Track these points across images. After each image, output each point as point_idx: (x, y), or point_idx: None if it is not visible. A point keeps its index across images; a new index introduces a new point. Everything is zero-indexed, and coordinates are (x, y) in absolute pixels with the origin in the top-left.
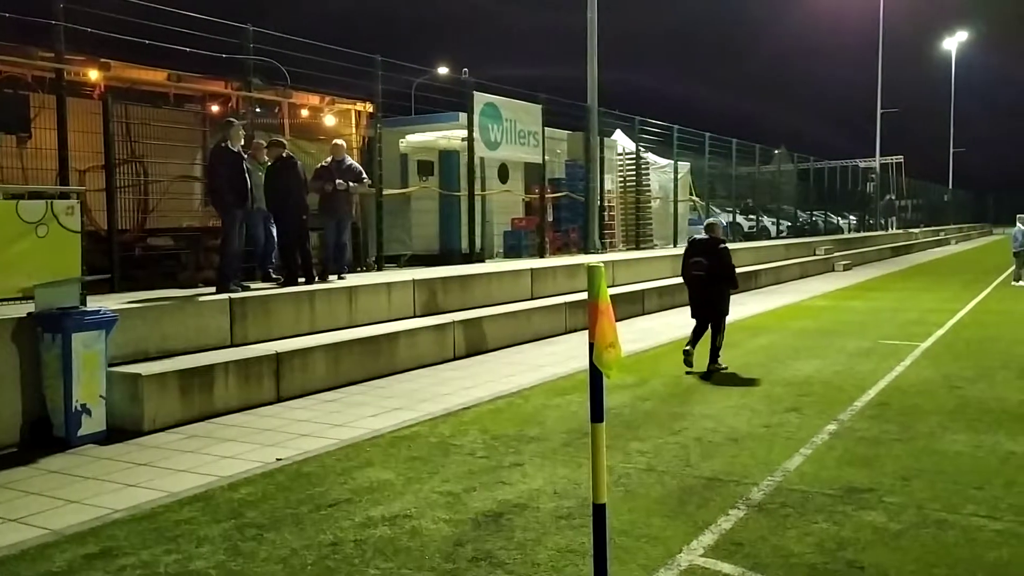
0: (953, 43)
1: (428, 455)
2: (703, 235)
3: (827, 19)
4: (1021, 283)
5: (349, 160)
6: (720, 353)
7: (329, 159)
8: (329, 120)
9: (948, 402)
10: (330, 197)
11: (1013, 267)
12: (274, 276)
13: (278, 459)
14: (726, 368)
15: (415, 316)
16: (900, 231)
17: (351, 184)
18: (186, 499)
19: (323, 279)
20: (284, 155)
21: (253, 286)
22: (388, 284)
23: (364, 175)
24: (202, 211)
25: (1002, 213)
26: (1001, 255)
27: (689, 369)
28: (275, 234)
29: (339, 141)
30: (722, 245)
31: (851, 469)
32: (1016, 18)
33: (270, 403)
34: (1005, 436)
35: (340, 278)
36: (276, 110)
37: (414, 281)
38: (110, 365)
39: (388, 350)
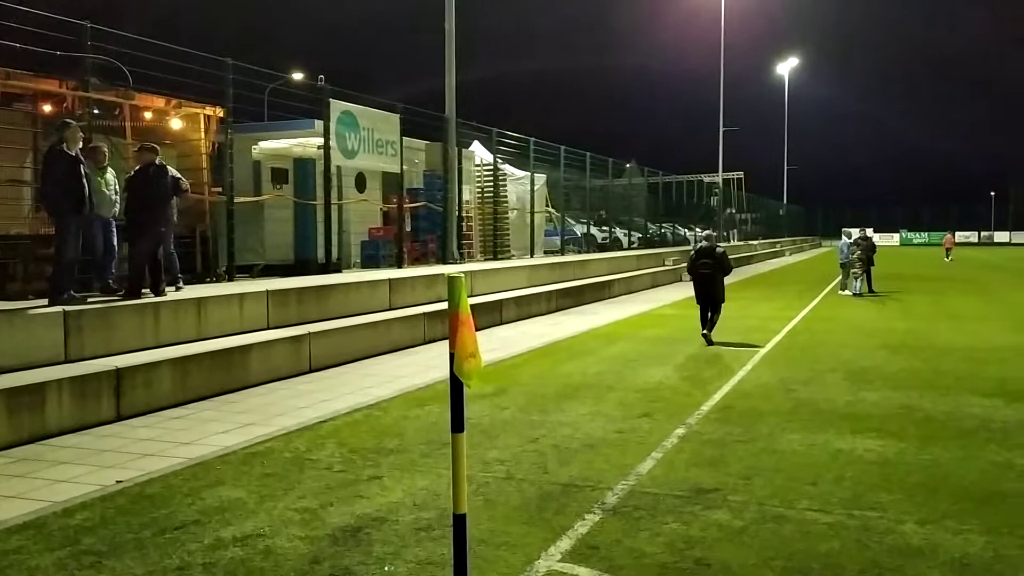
0: (786, 68)
1: (283, 471)
2: (704, 244)
3: (674, 45)
4: (846, 292)
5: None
6: (715, 326)
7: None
8: (175, 124)
9: (785, 404)
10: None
11: (839, 277)
12: (114, 287)
13: (118, 481)
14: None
15: (269, 328)
16: (741, 243)
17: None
18: (14, 527)
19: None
20: (156, 162)
21: (91, 298)
22: (240, 295)
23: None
24: (32, 217)
25: (829, 226)
26: (829, 266)
27: (705, 340)
28: (115, 243)
29: (152, 146)
30: (719, 249)
31: (698, 470)
32: (839, 48)
33: (110, 422)
34: (834, 435)
35: (176, 289)
36: (117, 112)
37: (268, 292)
38: None
39: (240, 363)
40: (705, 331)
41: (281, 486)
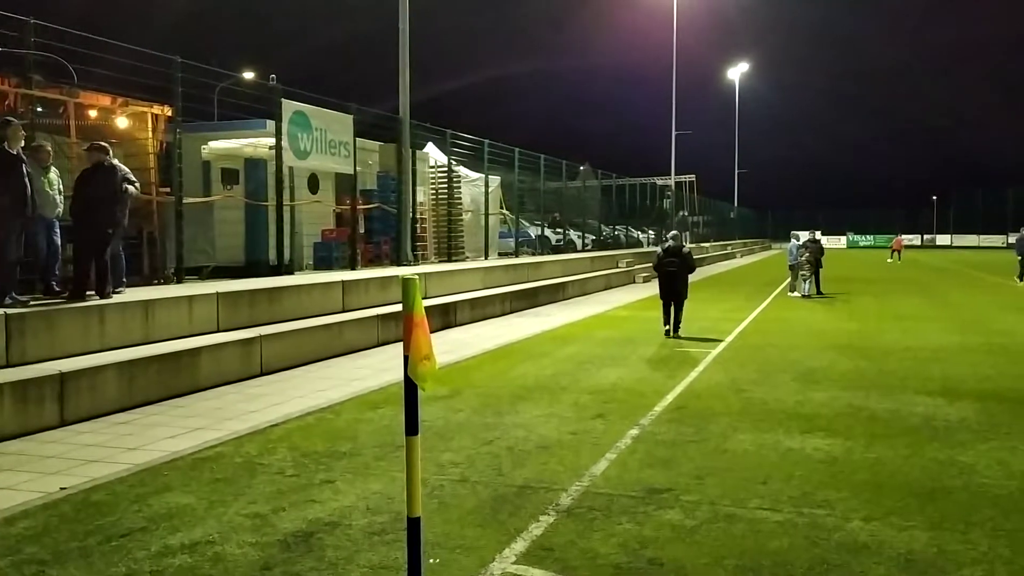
0: (737, 73)
1: (233, 476)
2: (671, 243)
3: (628, 50)
4: (796, 294)
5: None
6: (681, 324)
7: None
8: (122, 122)
9: (736, 404)
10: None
11: (789, 279)
12: (57, 289)
13: (62, 488)
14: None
15: (219, 330)
16: (693, 245)
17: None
18: None
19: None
20: (105, 162)
21: (33, 300)
22: (189, 297)
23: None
24: None
25: (779, 229)
26: (778, 268)
27: (668, 337)
28: (59, 243)
29: (103, 144)
30: (685, 249)
31: (652, 471)
32: (791, 55)
33: (53, 428)
34: (784, 434)
35: (116, 292)
36: (61, 110)
37: (218, 294)
38: None
39: (189, 367)
40: (667, 328)
41: (231, 491)
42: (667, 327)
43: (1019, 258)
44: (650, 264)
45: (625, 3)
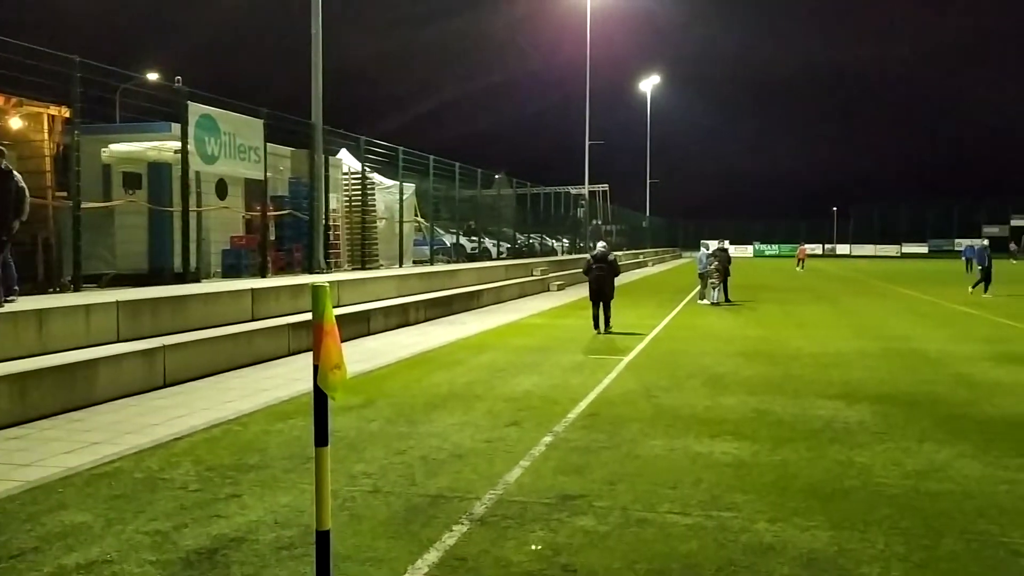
0: (648, 85)
1: (133, 492)
2: (600, 251)
3: (543, 61)
4: (705, 301)
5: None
6: (610, 319)
7: None
8: (15, 123)
9: (647, 410)
10: None
11: (699, 287)
12: None
13: None
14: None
15: (120, 341)
16: None
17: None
18: None
19: None
20: (2, 166)
21: None
22: (87, 306)
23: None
24: None
25: (689, 238)
26: (688, 276)
27: (597, 333)
28: None
29: None
30: (612, 256)
31: (565, 478)
32: (702, 70)
33: None
34: (693, 439)
35: (8, 300)
36: None
37: (118, 302)
38: None
39: (86, 379)
40: (597, 330)
41: (131, 508)
42: (596, 324)
43: (979, 267)
44: (564, 272)
45: (541, 16)
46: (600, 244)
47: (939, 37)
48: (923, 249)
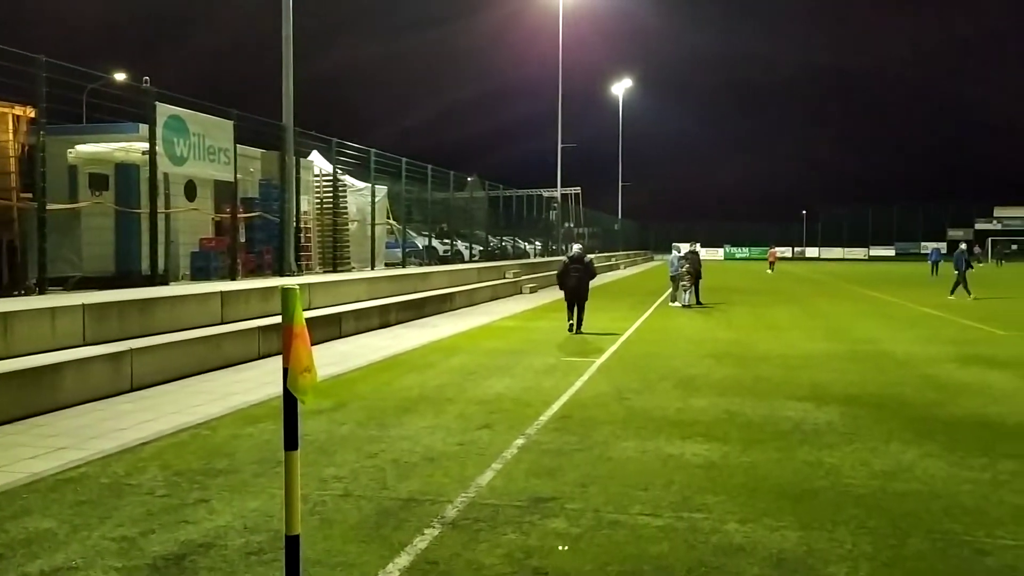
0: (620, 88)
1: (98, 498)
2: (576, 253)
3: (519, 64)
4: (676, 304)
5: None
6: (583, 321)
7: None
8: None
9: (619, 412)
10: None
11: (670, 290)
12: None
13: None
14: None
15: (86, 344)
16: None
17: None
18: None
19: None
20: None
21: None
22: (52, 309)
23: None
24: None
25: (661, 241)
26: (660, 279)
27: (571, 333)
28: None
29: None
30: (588, 258)
31: (537, 480)
32: (675, 74)
33: None
34: (665, 441)
35: None
36: None
37: (84, 305)
38: None
39: (51, 383)
40: (571, 324)
41: (96, 514)
42: (571, 323)
43: (955, 272)
44: (537, 275)
45: (514, 21)
46: (576, 246)
47: (899, 41)
48: (890, 252)
